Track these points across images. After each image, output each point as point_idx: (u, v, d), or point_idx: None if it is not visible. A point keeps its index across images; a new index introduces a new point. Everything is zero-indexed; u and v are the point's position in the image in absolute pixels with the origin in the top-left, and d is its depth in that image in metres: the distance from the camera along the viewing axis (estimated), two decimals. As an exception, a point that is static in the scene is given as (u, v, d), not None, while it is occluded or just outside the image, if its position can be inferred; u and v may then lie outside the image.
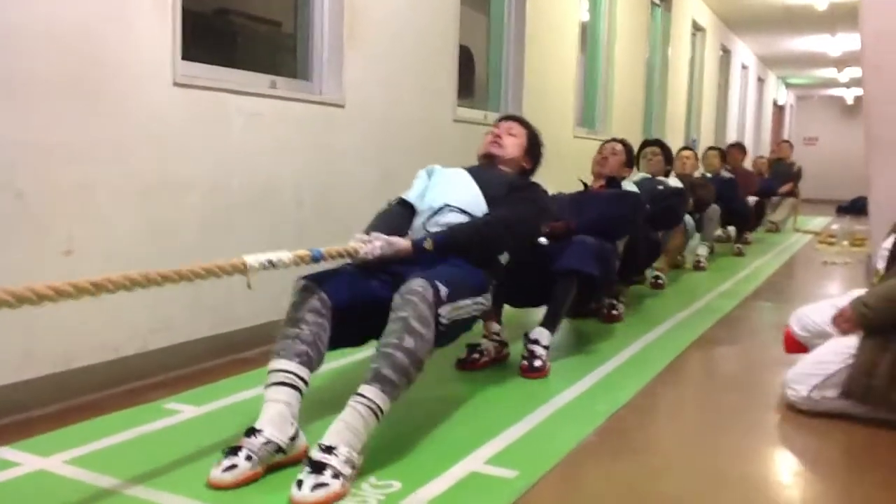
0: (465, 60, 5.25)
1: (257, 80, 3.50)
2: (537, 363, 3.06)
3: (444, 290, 2.21)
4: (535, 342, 3.10)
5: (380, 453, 2.14)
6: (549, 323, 3.16)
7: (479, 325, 2.93)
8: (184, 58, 3.02)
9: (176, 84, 2.96)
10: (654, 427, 2.70)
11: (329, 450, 1.92)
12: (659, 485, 2.16)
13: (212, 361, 3.15)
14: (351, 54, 3.89)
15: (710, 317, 4.40)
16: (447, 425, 2.45)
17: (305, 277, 2.31)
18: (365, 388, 2.03)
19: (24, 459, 2.12)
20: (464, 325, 2.45)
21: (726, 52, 13.99)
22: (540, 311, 3.27)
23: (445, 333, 2.27)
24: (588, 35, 7.69)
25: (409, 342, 2.08)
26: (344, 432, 1.96)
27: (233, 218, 3.25)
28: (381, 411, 2.03)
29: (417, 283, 2.17)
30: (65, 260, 2.57)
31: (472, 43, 5.48)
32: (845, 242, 8.65)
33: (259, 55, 3.72)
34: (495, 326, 3.26)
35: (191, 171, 3.06)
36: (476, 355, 3.14)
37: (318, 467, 1.89)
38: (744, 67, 15.68)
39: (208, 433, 2.34)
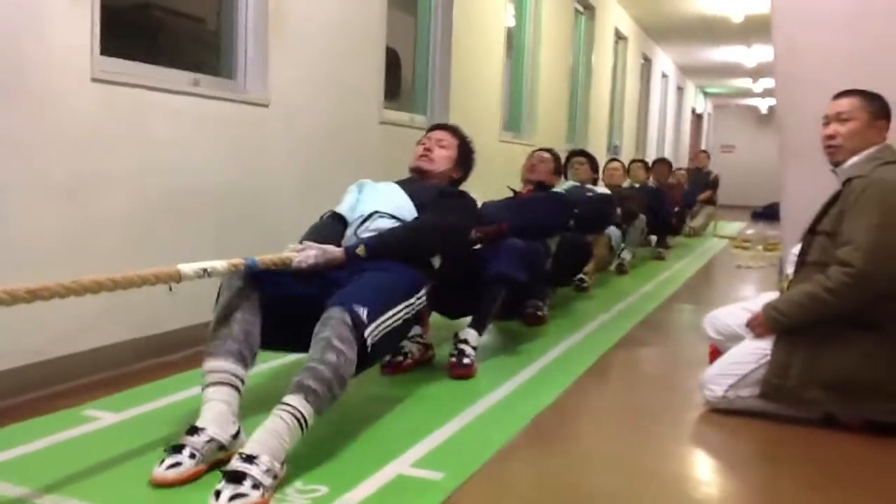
0: (392, 62, 5.25)
1: (179, 77, 3.42)
2: (466, 361, 3.09)
3: (363, 312, 2.22)
4: (464, 342, 3.14)
5: (305, 458, 2.12)
6: (478, 324, 3.21)
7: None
8: (102, 53, 2.93)
9: (94, 80, 2.87)
10: (578, 426, 2.75)
11: (250, 459, 1.88)
12: (582, 482, 2.21)
13: (135, 365, 3.06)
14: (276, 53, 3.84)
15: (632, 318, 4.51)
16: (373, 428, 2.45)
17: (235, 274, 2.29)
18: (289, 398, 2.03)
19: (-71, 470, 2.02)
20: (399, 331, 2.48)
21: (647, 61, 14.35)
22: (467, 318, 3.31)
23: (379, 347, 2.30)
24: (514, 40, 7.78)
25: (331, 357, 2.10)
26: (267, 441, 1.94)
27: (154, 219, 3.17)
28: (306, 421, 2.02)
29: (335, 311, 2.19)
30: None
31: (398, 45, 5.48)
32: (759, 247, 8.97)
33: (181, 52, 3.64)
34: (418, 329, 3.26)
35: (110, 169, 2.97)
36: (400, 357, 3.14)
37: (236, 477, 1.84)
38: (664, 76, 16.09)
39: (126, 440, 2.28)
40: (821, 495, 2.18)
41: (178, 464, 1.97)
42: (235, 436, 2.09)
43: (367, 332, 2.22)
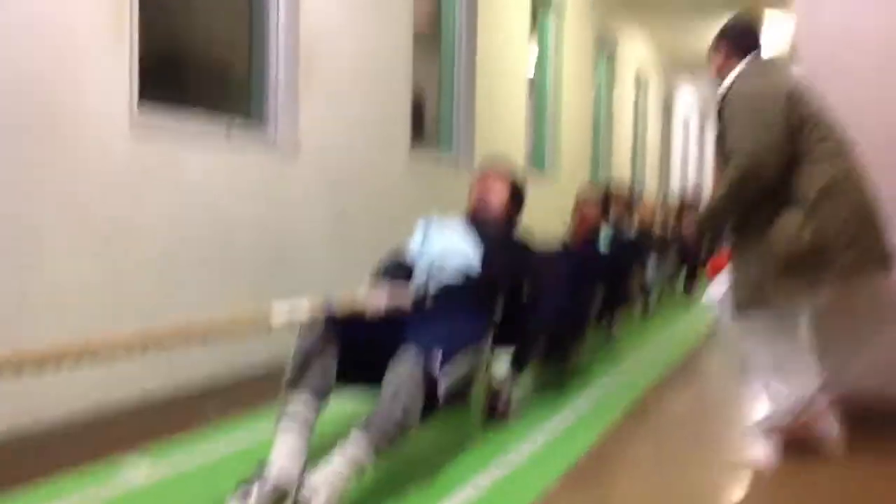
0: (417, 105, 5.30)
1: (213, 125, 3.46)
2: (503, 399, 3.11)
3: (437, 354, 2.30)
4: (502, 384, 3.15)
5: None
6: (517, 366, 3.23)
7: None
8: (140, 99, 2.98)
9: (133, 127, 2.91)
10: (617, 473, 2.70)
11: (309, 498, 1.95)
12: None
13: (172, 416, 3.04)
14: (306, 98, 3.89)
15: (665, 359, 4.46)
16: (411, 478, 2.40)
17: None
18: (353, 443, 2.08)
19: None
20: (467, 378, 2.55)
21: (668, 100, 14.41)
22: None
23: (450, 392, 2.36)
24: (536, 81, 7.84)
25: (397, 407, 2.16)
26: (326, 481, 1.99)
27: (189, 265, 3.19)
28: (365, 466, 2.08)
29: (412, 349, 2.27)
30: (16, 313, 2.48)
31: (423, 88, 5.54)
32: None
33: (214, 98, 3.69)
34: None
35: (146, 217, 3.00)
36: (491, 405, 3.12)
37: None
38: (684, 122, 16.13)
39: (168, 495, 2.26)
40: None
41: (248, 497, 2.00)
42: (303, 473, 2.11)
43: (438, 373, 2.29)
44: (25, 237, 2.55)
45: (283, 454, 2.12)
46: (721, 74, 2.95)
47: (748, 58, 2.91)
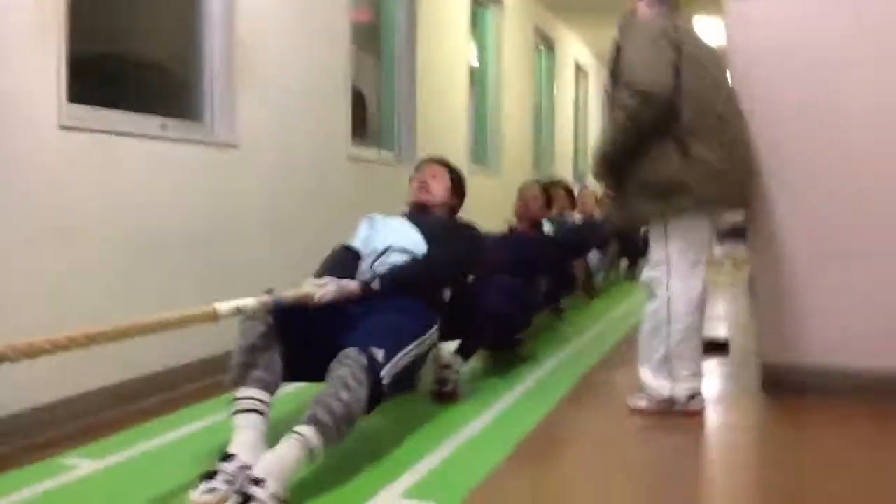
0: (358, 102, 5.30)
1: (147, 122, 3.43)
2: (448, 387, 3.17)
3: (379, 354, 2.34)
4: (448, 367, 3.20)
5: (294, 492, 2.09)
6: (464, 352, 3.30)
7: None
8: (70, 101, 2.93)
9: (62, 127, 2.87)
10: (562, 450, 2.76)
11: (257, 482, 1.94)
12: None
13: (110, 413, 3.01)
14: (243, 95, 3.87)
15: (608, 340, 4.55)
16: (362, 459, 2.42)
17: None
18: (301, 428, 2.10)
19: None
20: (412, 368, 2.60)
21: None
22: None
23: (395, 386, 2.41)
24: (477, 76, 7.90)
25: (344, 395, 2.19)
26: (275, 467, 2.00)
27: (125, 265, 3.15)
28: (314, 452, 2.09)
29: (352, 352, 2.30)
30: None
31: (363, 85, 5.54)
32: (728, 264, 9.12)
33: (149, 98, 3.64)
34: None
35: (79, 217, 2.96)
36: (437, 386, 3.18)
37: (245, 499, 1.92)
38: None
39: (109, 489, 2.26)
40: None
41: (213, 489, 2.03)
42: None
43: (383, 372, 2.33)
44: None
45: (244, 445, 2.16)
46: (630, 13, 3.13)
47: (659, 7, 3.10)
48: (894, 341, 3.23)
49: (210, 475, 2.08)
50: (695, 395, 3.02)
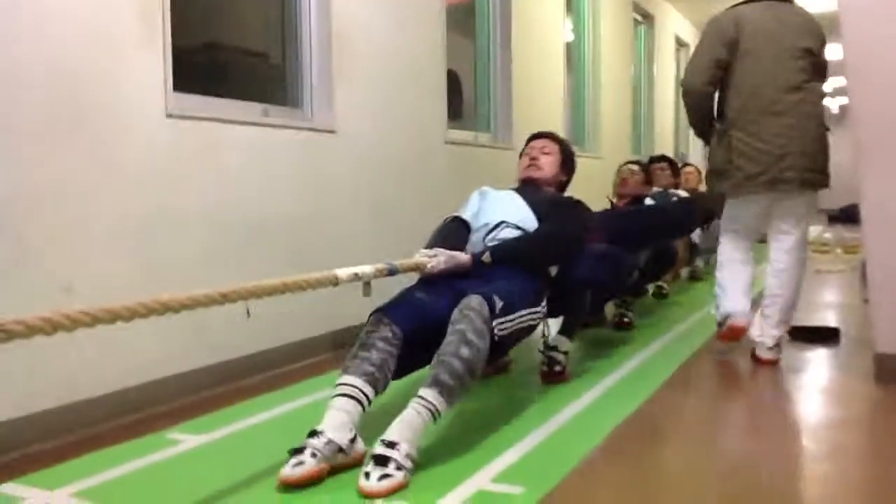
0: (453, 84, 5.29)
1: (249, 109, 3.52)
2: (557, 368, 3.19)
3: (499, 304, 2.41)
4: (555, 349, 3.21)
5: (387, 474, 2.13)
6: (567, 330, 3.28)
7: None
8: (175, 89, 3.03)
9: (168, 116, 2.98)
10: (658, 440, 2.70)
11: (392, 445, 2.09)
12: (661, 498, 2.16)
13: (213, 390, 3.13)
14: (340, 82, 3.92)
15: (710, 326, 4.41)
16: (455, 441, 2.44)
17: (379, 309, 2.49)
18: (424, 391, 2.21)
19: (29, 494, 2.10)
20: (519, 335, 2.64)
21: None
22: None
23: (501, 345, 2.46)
24: (573, 54, 7.77)
25: (465, 352, 2.27)
26: (405, 430, 2.13)
27: (230, 250, 3.25)
28: (439, 413, 2.20)
29: (474, 300, 2.37)
30: (66, 300, 2.57)
31: (458, 67, 5.53)
32: (838, 250, 8.69)
33: (250, 86, 3.74)
34: None
35: (187, 203, 3.07)
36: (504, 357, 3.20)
37: (382, 460, 2.06)
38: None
39: (210, 463, 2.34)
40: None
41: (301, 463, 2.10)
42: (352, 440, 2.21)
43: (496, 323, 2.39)
44: (72, 231, 2.63)
45: (333, 425, 2.20)
46: None
47: None
48: None
49: (298, 450, 2.14)
50: None
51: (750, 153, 3.40)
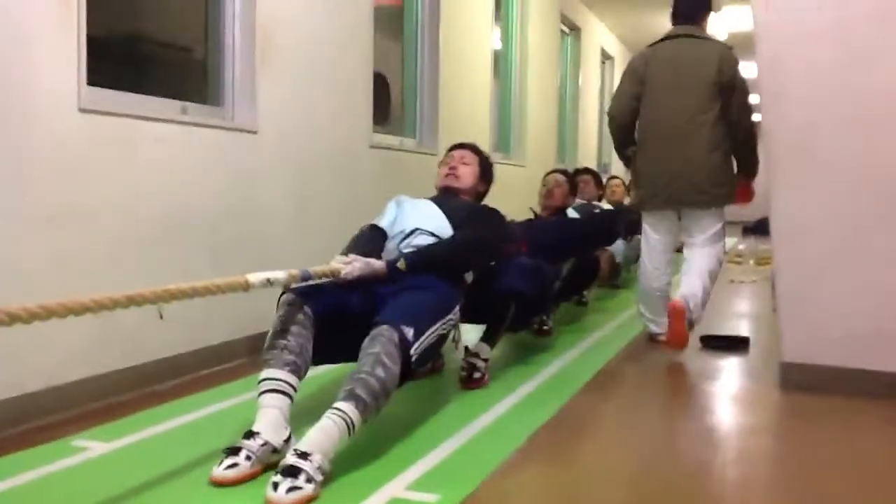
0: (380, 87, 5.27)
1: (167, 106, 3.43)
2: (476, 374, 3.22)
3: (409, 332, 2.41)
4: (476, 355, 3.25)
5: (300, 482, 2.09)
6: (489, 338, 3.32)
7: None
8: (89, 84, 2.93)
9: (81, 110, 2.87)
10: (576, 441, 2.73)
11: (304, 455, 2.05)
12: (580, 497, 2.19)
13: (122, 395, 3.03)
14: (264, 79, 3.86)
15: (629, 332, 4.51)
16: (369, 448, 2.41)
17: (290, 291, 2.50)
18: (340, 404, 2.19)
19: (-83, 506, 1.99)
20: (435, 347, 2.66)
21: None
22: (475, 326, 3.41)
23: (419, 362, 2.47)
24: (501, 62, 7.83)
25: (380, 372, 2.27)
26: (319, 441, 2.10)
27: (144, 247, 3.16)
28: (353, 427, 2.18)
29: (385, 329, 2.38)
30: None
31: (386, 70, 5.51)
32: (751, 261, 8.99)
33: (169, 81, 3.64)
34: None
35: (98, 199, 2.96)
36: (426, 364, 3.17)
37: (292, 472, 2.01)
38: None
39: (119, 470, 2.26)
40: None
41: (235, 464, 2.12)
42: (287, 440, 2.23)
43: (412, 350, 2.40)
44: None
45: (268, 425, 2.20)
46: None
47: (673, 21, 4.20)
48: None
49: (233, 451, 2.14)
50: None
51: (649, 175, 4.03)
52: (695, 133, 3.86)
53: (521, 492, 2.23)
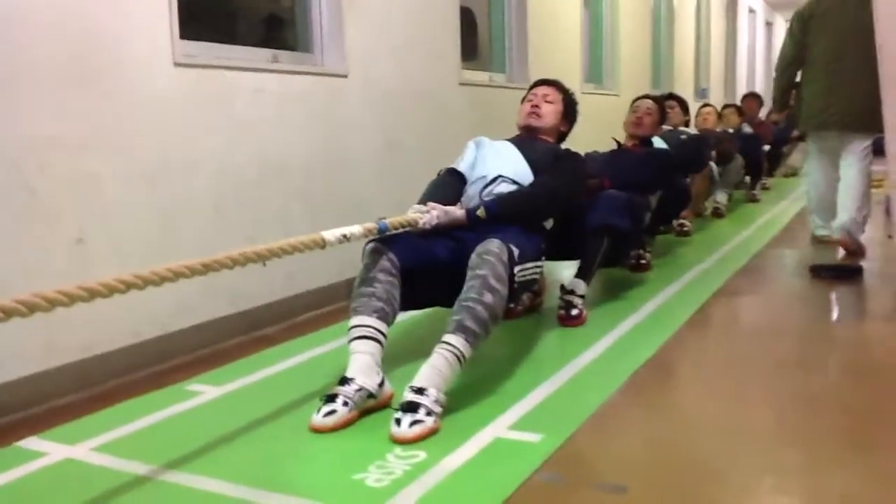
0: (467, 22, 5.17)
1: (258, 56, 3.45)
2: (574, 311, 3.21)
3: (516, 252, 2.40)
4: (571, 292, 3.23)
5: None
6: (584, 274, 3.28)
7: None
8: (182, 37, 2.97)
9: (176, 64, 2.92)
10: (677, 383, 2.68)
11: (420, 391, 2.13)
12: (682, 441, 2.16)
13: (230, 341, 3.14)
14: (350, 23, 3.83)
15: (732, 265, 4.37)
16: (472, 390, 2.43)
17: (374, 240, 2.48)
18: (450, 337, 2.23)
19: (50, 448, 2.12)
20: (526, 286, 2.65)
21: (733, -2, 13.74)
22: (571, 264, 3.39)
23: (514, 293, 2.46)
24: (591, -12, 7.56)
25: (488, 297, 2.27)
26: (433, 376, 2.17)
27: (242, 196, 3.23)
28: (464, 358, 2.23)
29: (494, 244, 2.36)
30: (76, 250, 2.57)
31: (472, 2, 5.39)
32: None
33: (258, 30, 3.66)
34: None
35: (197, 151, 3.03)
36: (512, 304, 3.16)
37: (412, 407, 2.10)
38: (751, 12, 15.38)
39: (231, 413, 2.35)
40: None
41: (333, 411, 2.16)
42: (381, 384, 2.27)
43: (515, 270, 2.40)
44: (84, 183, 2.61)
45: (361, 370, 2.25)
46: None
47: None
48: None
49: (330, 398, 2.19)
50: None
51: (813, 104, 4.78)
52: (857, 69, 4.42)
53: (619, 438, 2.20)
